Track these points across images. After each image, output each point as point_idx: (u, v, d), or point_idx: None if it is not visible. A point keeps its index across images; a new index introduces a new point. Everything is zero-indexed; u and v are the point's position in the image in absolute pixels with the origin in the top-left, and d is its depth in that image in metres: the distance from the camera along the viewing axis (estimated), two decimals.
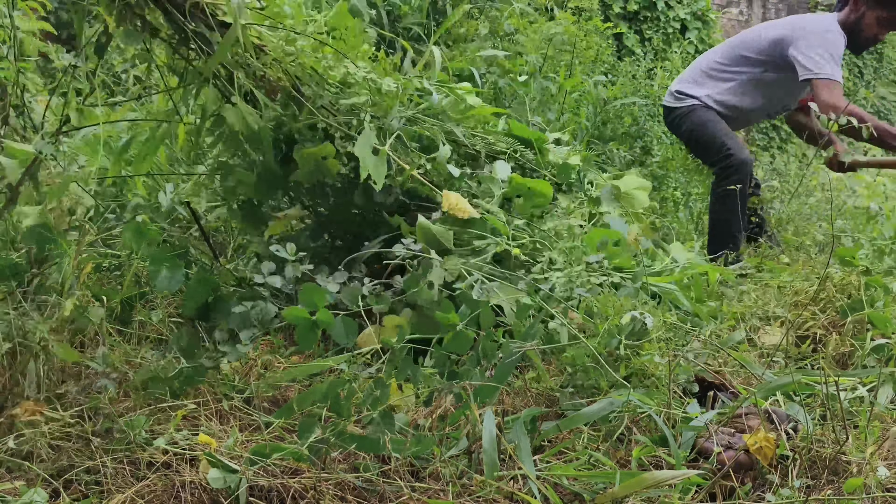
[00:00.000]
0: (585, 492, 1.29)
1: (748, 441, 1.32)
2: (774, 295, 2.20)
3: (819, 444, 1.39)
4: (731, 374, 1.77)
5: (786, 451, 1.36)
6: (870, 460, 1.29)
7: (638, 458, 1.37)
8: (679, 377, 1.61)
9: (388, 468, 1.36)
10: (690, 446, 1.42)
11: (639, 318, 1.51)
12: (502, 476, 1.30)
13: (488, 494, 1.28)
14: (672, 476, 1.23)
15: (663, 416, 1.47)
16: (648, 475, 1.22)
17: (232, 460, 1.33)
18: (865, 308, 1.92)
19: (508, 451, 1.33)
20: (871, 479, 1.26)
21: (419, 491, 1.31)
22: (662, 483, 1.21)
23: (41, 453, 1.36)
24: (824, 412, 1.49)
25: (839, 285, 2.04)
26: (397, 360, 1.36)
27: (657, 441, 1.43)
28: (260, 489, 1.30)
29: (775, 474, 1.34)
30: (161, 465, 1.35)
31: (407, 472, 1.37)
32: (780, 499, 1.26)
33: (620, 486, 1.23)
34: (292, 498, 1.28)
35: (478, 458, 1.37)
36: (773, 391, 1.57)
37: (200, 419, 1.51)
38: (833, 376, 1.45)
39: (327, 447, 1.32)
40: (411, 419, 1.51)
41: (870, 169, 3.15)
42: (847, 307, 1.96)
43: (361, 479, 1.33)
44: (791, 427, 1.42)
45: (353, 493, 1.31)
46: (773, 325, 2.08)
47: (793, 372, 1.65)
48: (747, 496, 1.30)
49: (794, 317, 2.02)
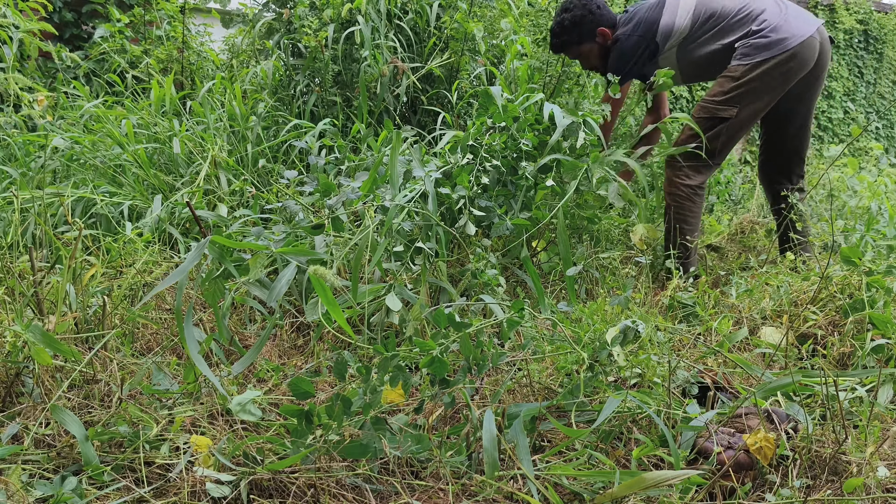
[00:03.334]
0: (585, 491, 1.29)
1: (748, 441, 1.32)
2: (774, 294, 2.20)
3: (819, 444, 1.39)
4: (731, 375, 1.77)
5: (786, 451, 1.36)
6: (870, 460, 1.29)
7: (638, 458, 1.37)
8: (677, 378, 1.61)
9: (387, 467, 1.36)
10: (690, 446, 1.42)
11: (631, 328, 1.51)
12: (502, 476, 1.30)
13: (488, 494, 1.28)
14: (672, 476, 1.23)
15: (663, 416, 1.47)
16: (648, 475, 1.22)
17: (232, 460, 1.33)
18: (866, 308, 1.92)
19: (508, 451, 1.34)
20: (871, 479, 1.26)
21: (419, 490, 1.31)
22: (662, 483, 1.21)
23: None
24: (824, 412, 1.49)
25: (840, 285, 2.04)
26: (390, 367, 1.36)
27: (657, 441, 1.43)
28: (260, 488, 1.30)
29: (775, 474, 1.34)
30: (162, 467, 1.35)
31: (407, 471, 1.37)
32: (780, 499, 1.26)
33: (620, 485, 1.23)
34: (292, 496, 1.28)
35: (477, 458, 1.37)
36: (773, 391, 1.57)
37: (202, 423, 1.52)
38: (833, 376, 1.45)
39: (319, 454, 1.33)
40: (411, 419, 1.52)
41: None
42: (848, 307, 1.96)
43: (361, 478, 1.33)
44: (791, 427, 1.42)
45: (352, 491, 1.31)
46: (774, 324, 2.08)
47: (793, 372, 1.65)
48: (747, 496, 1.30)
49: (794, 316, 2.02)
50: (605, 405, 1.40)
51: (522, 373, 1.67)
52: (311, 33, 3.54)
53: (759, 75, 2.60)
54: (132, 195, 2.87)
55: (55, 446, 1.39)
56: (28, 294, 1.80)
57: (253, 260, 1.49)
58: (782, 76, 2.62)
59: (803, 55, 2.62)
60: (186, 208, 2.68)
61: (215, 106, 3.58)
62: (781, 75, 2.62)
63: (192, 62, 4.33)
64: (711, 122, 2.67)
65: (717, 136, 2.67)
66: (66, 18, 5.08)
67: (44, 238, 2.34)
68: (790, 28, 2.62)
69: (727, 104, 2.64)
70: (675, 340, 1.96)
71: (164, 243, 2.61)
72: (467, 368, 1.49)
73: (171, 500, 1.26)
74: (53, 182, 2.99)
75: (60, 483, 1.25)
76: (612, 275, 2.49)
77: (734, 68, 2.65)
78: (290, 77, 3.76)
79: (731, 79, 2.64)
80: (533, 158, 2.40)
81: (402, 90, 3.51)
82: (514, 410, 1.49)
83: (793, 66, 2.62)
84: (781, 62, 2.59)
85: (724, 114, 2.65)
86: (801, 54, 2.61)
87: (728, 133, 2.68)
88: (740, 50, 2.66)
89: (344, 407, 1.32)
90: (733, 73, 2.64)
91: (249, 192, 2.80)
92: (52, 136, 3.01)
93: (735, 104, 2.63)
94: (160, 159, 3.17)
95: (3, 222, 2.61)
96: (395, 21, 3.78)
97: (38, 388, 1.56)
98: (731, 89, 2.63)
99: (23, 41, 3.53)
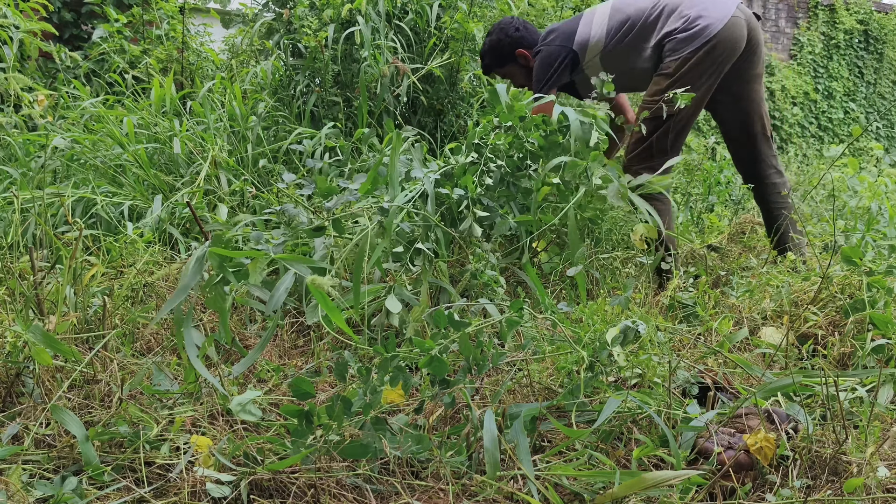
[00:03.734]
0: (585, 492, 1.29)
1: (748, 441, 1.32)
2: (775, 294, 2.21)
3: (819, 444, 1.39)
4: (731, 375, 1.77)
5: (786, 451, 1.36)
6: (870, 460, 1.29)
7: (638, 458, 1.37)
8: (678, 378, 1.61)
9: (388, 467, 1.36)
10: (690, 446, 1.42)
11: (631, 328, 1.51)
12: (502, 476, 1.31)
13: (489, 494, 1.28)
14: (672, 476, 1.23)
15: (663, 416, 1.47)
16: (648, 475, 1.22)
17: (232, 460, 1.33)
18: (867, 308, 1.92)
19: (508, 451, 1.34)
20: (871, 479, 1.26)
21: (419, 490, 1.31)
22: (662, 483, 1.21)
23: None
24: (824, 412, 1.49)
25: (841, 285, 2.04)
26: (390, 368, 1.36)
27: (657, 441, 1.43)
28: (260, 488, 1.30)
29: (775, 474, 1.34)
30: (162, 467, 1.35)
31: (407, 471, 1.37)
32: (780, 499, 1.26)
33: (620, 486, 1.23)
34: (293, 496, 1.29)
35: (478, 458, 1.37)
36: (773, 391, 1.57)
37: (203, 424, 1.52)
38: (833, 377, 1.45)
39: (319, 455, 1.33)
40: (411, 419, 1.52)
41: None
42: (848, 307, 1.96)
43: (361, 478, 1.33)
44: (791, 427, 1.42)
45: (352, 491, 1.31)
46: (774, 325, 2.08)
47: (793, 372, 1.65)
48: (747, 496, 1.30)
49: (795, 316, 2.02)
50: (605, 405, 1.40)
51: (523, 373, 1.67)
52: (312, 33, 3.54)
53: (691, 67, 2.62)
54: (132, 195, 2.87)
55: (55, 446, 1.39)
56: (28, 294, 1.80)
57: (252, 265, 1.49)
58: (714, 62, 2.63)
59: (730, 36, 2.63)
60: (187, 208, 2.68)
61: (215, 106, 3.58)
62: (713, 61, 2.63)
63: (191, 62, 4.33)
64: (657, 122, 2.67)
65: (665, 134, 2.68)
66: (66, 19, 5.08)
67: (44, 238, 2.34)
68: (710, 14, 2.65)
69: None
70: (676, 340, 1.96)
71: (165, 243, 2.61)
72: (467, 368, 1.49)
73: (171, 500, 1.26)
74: (54, 182, 3.00)
75: (60, 483, 1.25)
76: (612, 275, 2.49)
77: (666, 65, 2.67)
78: (290, 77, 3.76)
79: (666, 76, 2.66)
80: (537, 159, 2.40)
81: (403, 90, 3.52)
82: (515, 410, 1.49)
83: (723, 50, 2.63)
84: (710, 49, 2.61)
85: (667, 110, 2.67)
86: (728, 36, 2.63)
87: (676, 128, 2.68)
88: (668, 46, 2.68)
89: (344, 407, 1.32)
90: (667, 71, 2.67)
91: (250, 192, 2.80)
92: (52, 135, 3.02)
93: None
94: (160, 159, 3.18)
95: (3, 222, 2.61)
96: (395, 21, 3.78)
97: (38, 389, 1.56)
98: (668, 86, 2.64)
99: (23, 41, 3.54)
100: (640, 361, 1.57)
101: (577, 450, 1.44)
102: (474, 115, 3.80)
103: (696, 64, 2.62)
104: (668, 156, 2.70)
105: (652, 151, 2.69)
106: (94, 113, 3.34)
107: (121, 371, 1.68)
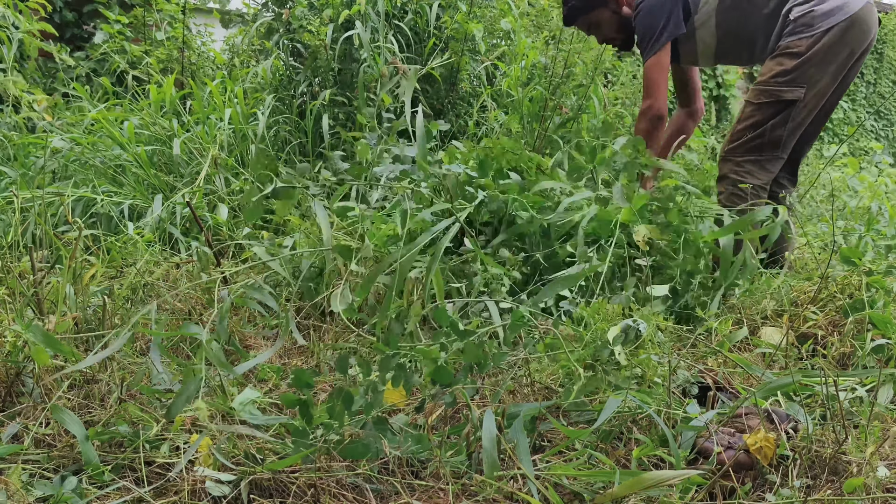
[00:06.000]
0: (585, 491, 1.29)
1: (748, 441, 1.32)
2: (775, 294, 2.20)
3: (819, 444, 1.39)
4: (731, 375, 1.77)
5: (786, 451, 1.36)
6: (870, 460, 1.29)
7: (638, 458, 1.37)
8: (678, 378, 1.61)
9: (388, 467, 1.36)
10: (690, 446, 1.42)
11: (632, 327, 1.50)
12: (502, 475, 1.30)
13: (488, 494, 1.28)
14: (672, 476, 1.23)
15: (663, 416, 1.47)
16: (648, 475, 1.22)
17: (231, 460, 1.33)
18: (866, 308, 1.92)
19: (508, 451, 1.34)
20: (871, 479, 1.26)
21: (419, 490, 1.31)
22: (662, 483, 1.21)
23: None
24: (824, 412, 1.49)
25: (840, 285, 2.04)
26: (391, 366, 1.36)
27: (657, 441, 1.43)
28: (260, 487, 1.30)
29: (775, 474, 1.34)
30: (162, 466, 1.35)
31: (407, 471, 1.37)
32: (780, 499, 1.26)
33: (620, 485, 1.23)
34: (292, 496, 1.29)
35: (477, 458, 1.37)
36: (773, 391, 1.57)
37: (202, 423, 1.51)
38: (833, 376, 1.45)
39: (319, 454, 1.33)
40: (411, 419, 1.52)
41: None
42: (848, 307, 1.96)
43: (361, 478, 1.33)
44: (791, 427, 1.42)
45: (352, 491, 1.31)
46: (774, 324, 2.08)
47: (793, 372, 1.65)
48: (747, 496, 1.30)
49: (795, 316, 2.02)
50: (605, 405, 1.40)
51: (523, 372, 1.67)
52: (314, 31, 3.54)
53: (824, 46, 2.28)
54: (132, 195, 2.87)
55: (55, 446, 1.39)
56: (28, 294, 1.80)
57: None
58: (847, 47, 2.30)
59: (865, 21, 2.31)
60: (187, 208, 2.68)
61: (218, 106, 3.58)
62: (846, 46, 2.30)
63: (192, 62, 4.34)
64: (776, 108, 2.33)
65: (782, 123, 2.33)
66: (67, 18, 5.08)
67: (44, 238, 2.34)
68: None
69: (792, 84, 2.32)
70: (676, 340, 1.96)
71: (165, 243, 2.61)
72: (468, 368, 1.49)
73: (171, 499, 1.26)
74: (53, 182, 2.99)
75: (60, 483, 1.25)
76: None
77: (795, 43, 2.32)
78: (290, 77, 3.76)
79: (794, 55, 2.31)
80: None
81: (402, 90, 3.52)
82: (515, 410, 1.49)
83: (856, 35, 2.30)
84: (845, 29, 2.28)
85: (790, 95, 2.32)
86: (863, 21, 2.30)
87: (795, 119, 2.34)
88: (800, 21, 2.33)
89: (345, 404, 1.32)
90: (796, 49, 2.31)
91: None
92: (51, 136, 3.02)
93: (801, 84, 2.31)
94: (160, 159, 3.18)
95: (3, 222, 2.61)
96: (395, 21, 3.78)
97: (38, 388, 1.56)
98: (794, 67, 2.30)
99: (22, 41, 3.53)
100: (641, 361, 1.57)
101: (576, 449, 1.44)
102: (474, 114, 3.80)
103: (831, 44, 2.27)
104: (778, 151, 2.38)
105: (764, 141, 2.35)
106: (94, 117, 3.35)
107: (120, 371, 1.68)
